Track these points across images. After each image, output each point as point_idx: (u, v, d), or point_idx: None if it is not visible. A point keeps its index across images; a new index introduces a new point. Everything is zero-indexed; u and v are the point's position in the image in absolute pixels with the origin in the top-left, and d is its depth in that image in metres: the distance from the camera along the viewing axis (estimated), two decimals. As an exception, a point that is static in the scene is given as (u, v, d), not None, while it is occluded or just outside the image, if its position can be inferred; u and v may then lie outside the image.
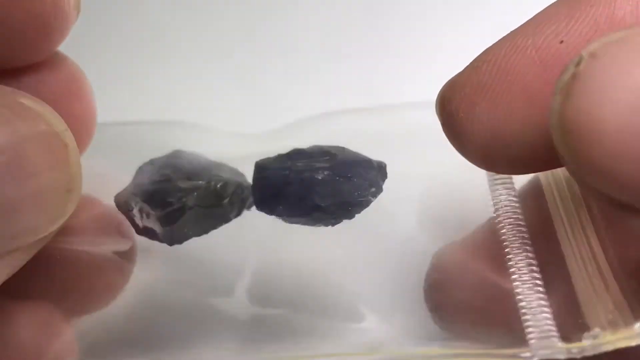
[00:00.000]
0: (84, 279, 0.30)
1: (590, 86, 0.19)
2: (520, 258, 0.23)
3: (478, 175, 0.26)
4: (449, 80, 0.23)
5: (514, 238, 0.24)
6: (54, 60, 0.29)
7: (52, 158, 0.25)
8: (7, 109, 0.24)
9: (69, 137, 0.25)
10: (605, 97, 0.19)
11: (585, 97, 0.19)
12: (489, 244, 0.25)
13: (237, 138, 0.31)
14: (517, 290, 0.22)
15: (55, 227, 0.26)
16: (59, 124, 0.25)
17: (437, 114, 0.24)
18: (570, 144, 0.19)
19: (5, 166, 0.24)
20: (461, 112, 0.22)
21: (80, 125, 0.28)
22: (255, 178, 0.27)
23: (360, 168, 0.26)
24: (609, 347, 0.20)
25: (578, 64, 0.19)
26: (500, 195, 0.26)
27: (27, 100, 0.25)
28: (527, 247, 0.24)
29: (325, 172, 0.26)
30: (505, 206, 0.25)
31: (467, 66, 0.23)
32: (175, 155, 0.29)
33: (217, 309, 0.30)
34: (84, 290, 0.30)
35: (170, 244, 0.28)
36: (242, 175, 0.28)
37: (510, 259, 0.23)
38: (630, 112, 0.18)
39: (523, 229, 0.24)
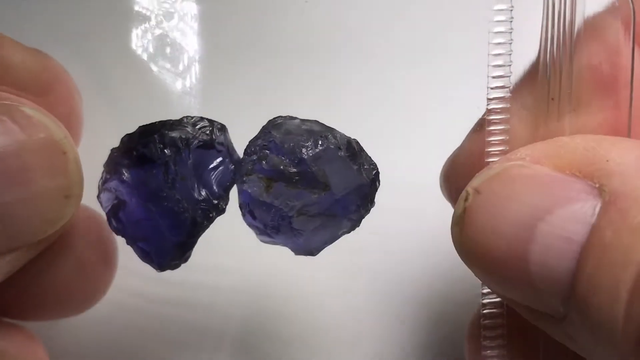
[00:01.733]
0: (63, 284, 0.30)
1: (476, 218, 0.24)
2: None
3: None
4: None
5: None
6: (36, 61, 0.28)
7: (50, 165, 0.25)
8: (8, 117, 0.24)
9: (69, 145, 0.26)
10: (487, 228, 0.23)
11: (474, 228, 0.24)
12: None
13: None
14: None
15: (53, 230, 0.26)
16: (59, 132, 0.25)
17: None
18: (470, 262, 0.24)
19: (3, 173, 0.24)
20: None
21: (67, 126, 0.28)
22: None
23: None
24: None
25: (466, 199, 0.24)
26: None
27: (28, 109, 0.25)
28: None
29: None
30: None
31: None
32: None
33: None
34: (63, 295, 0.30)
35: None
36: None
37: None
38: (507, 241, 0.23)
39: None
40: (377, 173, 0.26)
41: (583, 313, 0.21)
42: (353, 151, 0.26)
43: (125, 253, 0.28)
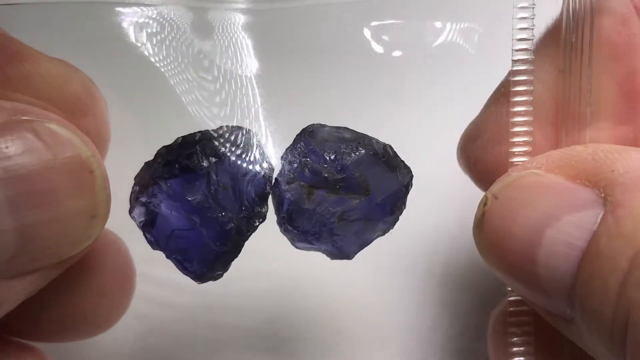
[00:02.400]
0: (80, 309, 0.30)
1: (493, 222, 0.25)
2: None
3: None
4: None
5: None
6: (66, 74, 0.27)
7: (76, 185, 0.24)
8: (33, 134, 0.23)
9: (96, 163, 0.25)
10: (502, 231, 0.25)
11: (492, 231, 0.25)
12: None
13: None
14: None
15: (77, 250, 0.25)
16: (86, 150, 0.25)
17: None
18: (489, 263, 0.26)
19: (27, 194, 0.23)
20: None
21: (94, 139, 0.27)
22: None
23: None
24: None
25: (485, 203, 0.26)
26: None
27: (54, 125, 0.24)
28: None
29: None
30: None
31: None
32: None
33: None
34: (79, 319, 0.30)
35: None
36: None
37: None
38: (519, 245, 0.24)
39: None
40: (412, 177, 0.27)
41: (582, 315, 0.23)
42: (389, 156, 0.27)
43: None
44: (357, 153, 0.26)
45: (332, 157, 0.26)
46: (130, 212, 0.27)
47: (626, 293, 0.21)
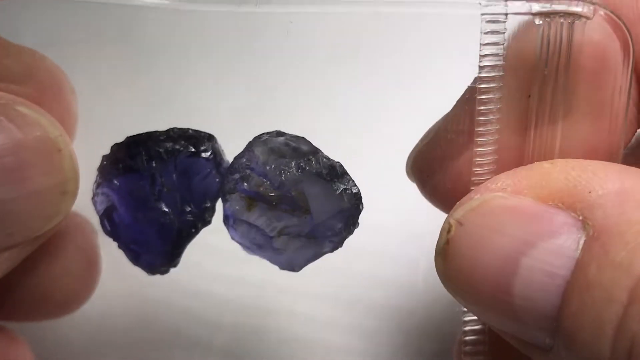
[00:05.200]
0: (48, 287, 0.31)
1: (459, 250, 0.23)
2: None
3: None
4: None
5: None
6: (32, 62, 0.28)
7: (46, 162, 0.26)
8: (4, 116, 0.25)
9: (64, 142, 0.26)
10: (471, 261, 0.23)
11: (458, 260, 0.23)
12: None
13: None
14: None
15: (50, 226, 0.26)
16: (54, 130, 0.26)
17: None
18: (454, 293, 0.24)
19: (1, 171, 0.25)
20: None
21: (64, 124, 0.28)
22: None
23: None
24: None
25: (449, 230, 0.24)
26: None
27: (24, 107, 0.25)
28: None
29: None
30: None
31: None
32: None
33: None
34: (47, 298, 0.31)
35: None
36: None
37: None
38: (491, 274, 0.23)
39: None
40: (360, 197, 0.26)
41: (570, 348, 0.21)
42: (335, 175, 0.25)
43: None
44: (297, 171, 0.25)
45: (272, 172, 0.25)
46: (92, 199, 0.28)
47: (627, 326, 0.20)
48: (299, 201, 0.25)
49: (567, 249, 0.21)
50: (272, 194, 0.25)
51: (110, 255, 0.29)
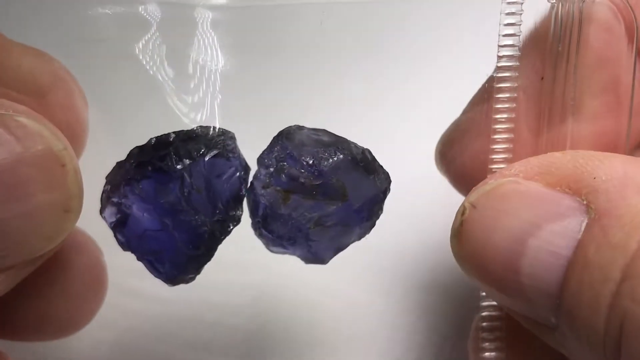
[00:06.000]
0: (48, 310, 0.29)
1: (472, 232, 0.25)
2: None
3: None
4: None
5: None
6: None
7: (48, 178, 0.24)
8: (3, 128, 0.23)
9: (68, 156, 0.24)
10: (483, 241, 0.24)
11: (471, 241, 0.25)
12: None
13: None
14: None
15: (51, 246, 0.25)
16: (58, 143, 0.24)
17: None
18: (468, 273, 0.26)
19: None
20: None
21: (68, 133, 0.27)
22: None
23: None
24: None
25: (463, 213, 0.25)
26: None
27: (24, 118, 0.24)
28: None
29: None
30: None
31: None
32: None
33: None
34: (47, 320, 0.29)
35: None
36: None
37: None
38: (501, 254, 0.24)
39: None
40: (390, 182, 0.27)
41: (570, 325, 0.23)
42: (367, 161, 0.26)
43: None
44: (335, 158, 0.25)
45: (310, 162, 0.25)
46: (101, 212, 0.26)
47: (619, 303, 0.21)
48: (338, 188, 0.25)
49: (571, 230, 0.23)
50: (314, 183, 0.25)
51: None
